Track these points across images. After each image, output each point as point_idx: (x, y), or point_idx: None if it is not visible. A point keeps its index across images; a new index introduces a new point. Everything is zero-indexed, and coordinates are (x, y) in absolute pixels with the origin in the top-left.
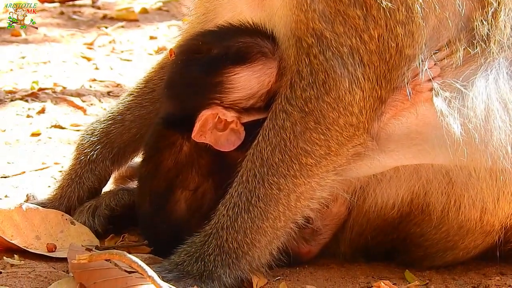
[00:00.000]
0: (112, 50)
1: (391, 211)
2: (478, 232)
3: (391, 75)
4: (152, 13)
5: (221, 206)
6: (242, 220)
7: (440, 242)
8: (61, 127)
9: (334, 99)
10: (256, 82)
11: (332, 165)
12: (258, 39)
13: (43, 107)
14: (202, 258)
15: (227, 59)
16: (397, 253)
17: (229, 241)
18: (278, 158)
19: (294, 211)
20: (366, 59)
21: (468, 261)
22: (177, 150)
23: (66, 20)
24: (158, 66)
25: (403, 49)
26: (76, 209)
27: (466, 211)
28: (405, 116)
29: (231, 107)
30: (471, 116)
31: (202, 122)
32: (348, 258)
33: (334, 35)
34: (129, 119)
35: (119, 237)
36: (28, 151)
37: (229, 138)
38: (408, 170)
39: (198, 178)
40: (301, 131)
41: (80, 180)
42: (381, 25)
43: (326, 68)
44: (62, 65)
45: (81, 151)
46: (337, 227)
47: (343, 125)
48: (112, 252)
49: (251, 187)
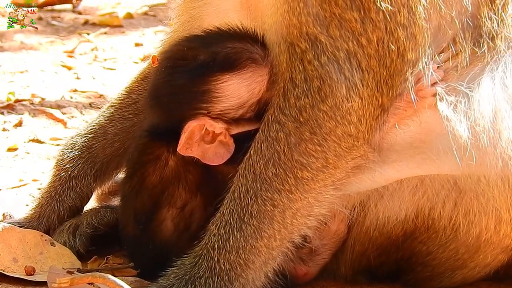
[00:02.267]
0: (95, 58)
1: (394, 228)
2: (490, 248)
3: (393, 80)
4: (137, 18)
5: (212, 225)
6: (235, 239)
7: (448, 261)
8: (39, 141)
9: (331, 107)
10: (246, 90)
11: (331, 179)
12: (248, 45)
13: (20, 120)
14: (193, 281)
15: (215, 66)
16: (401, 273)
17: (221, 262)
18: (272, 172)
19: (291, 229)
20: (364, 64)
21: (479, 283)
22: (163, 164)
23: (44, 26)
24: (141, 76)
25: (405, 53)
26: (56, 229)
27: (477, 222)
28: (407, 124)
29: (219, 117)
30: (478, 118)
31: (188, 134)
32: (349, 280)
33: (330, 39)
34: (111, 132)
35: (103, 259)
36: (4, 167)
37: (218, 151)
38: (411, 183)
39: (185, 194)
40: (296, 143)
41: (61, 198)
42: (380, 28)
43: (322, 74)
44: (41, 74)
45: (61, 167)
46: (337, 247)
47: (341, 135)
48: (95, 275)
49: (243, 204)
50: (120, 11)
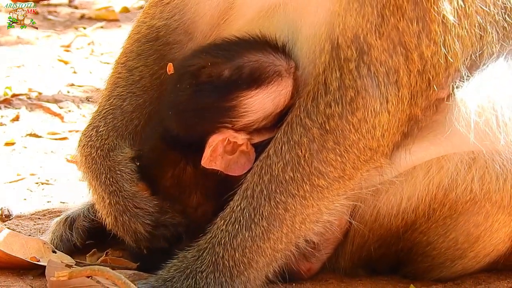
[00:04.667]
0: (91, 53)
1: (395, 219)
2: (490, 237)
3: (431, 91)
4: (134, 12)
5: (220, 220)
6: (242, 237)
7: (448, 251)
8: (37, 135)
9: (359, 120)
10: (271, 104)
11: (344, 189)
12: (271, 56)
13: (17, 114)
14: (194, 274)
15: (241, 82)
16: (401, 265)
17: (225, 259)
18: (289, 176)
19: (298, 234)
20: (404, 80)
21: (478, 274)
22: (180, 170)
23: (41, 20)
24: (133, 54)
25: (452, 64)
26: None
27: (494, 197)
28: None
29: (242, 129)
30: (490, 96)
31: (214, 148)
32: (348, 273)
33: (378, 52)
34: (128, 110)
35: (101, 252)
36: (2, 162)
37: (239, 161)
38: (424, 164)
39: (202, 198)
40: (318, 150)
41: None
42: (437, 41)
43: (358, 85)
44: (38, 69)
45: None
46: (339, 241)
47: (362, 148)
48: (94, 269)
49: (256, 204)
50: (116, 5)
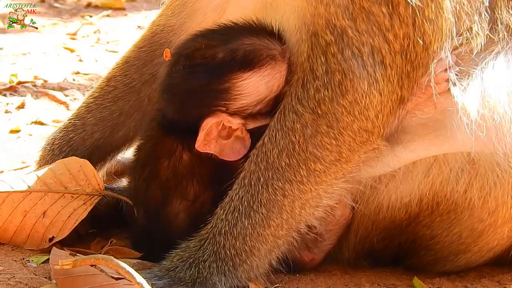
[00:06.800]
0: (97, 41)
1: (399, 212)
2: (494, 232)
3: (416, 73)
4: (139, 1)
5: (220, 210)
6: (242, 226)
7: (452, 245)
8: (42, 123)
9: (350, 102)
10: (265, 87)
11: (342, 172)
12: (266, 40)
13: (22, 102)
14: (196, 264)
15: (234, 65)
16: (404, 257)
17: (227, 248)
18: (285, 162)
19: (298, 219)
20: (388, 59)
21: (481, 267)
22: (177, 159)
23: (47, 8)
24: (122, 61)
25: (430, 46)
26: None
27: (494, 193)
28: (421, 109)
29: (236, 113)
30: (490, 95)
31: (207, 131)
32: (352, 264)
33: (356, 33)
34: (90, 122)
35: (105, 241)
36: (7, 149)
37: (234, 147)
38: (424, 162)
39: (198, 188)
40: (312, 135)
41: None
42: (408, 23)
43: (344, 68)
44: (43, 56)
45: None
46: (342, 232)
47: (357, 130)
48: (97, 257)
49: (254, 191)
50: None
